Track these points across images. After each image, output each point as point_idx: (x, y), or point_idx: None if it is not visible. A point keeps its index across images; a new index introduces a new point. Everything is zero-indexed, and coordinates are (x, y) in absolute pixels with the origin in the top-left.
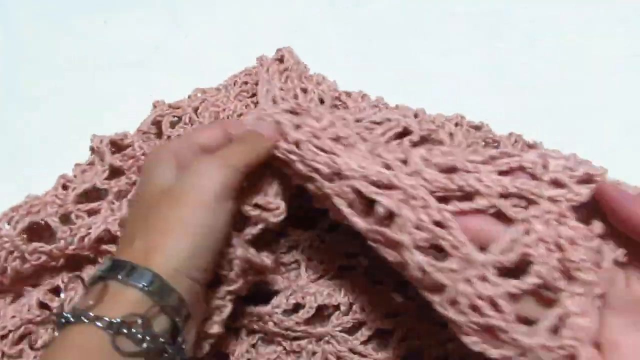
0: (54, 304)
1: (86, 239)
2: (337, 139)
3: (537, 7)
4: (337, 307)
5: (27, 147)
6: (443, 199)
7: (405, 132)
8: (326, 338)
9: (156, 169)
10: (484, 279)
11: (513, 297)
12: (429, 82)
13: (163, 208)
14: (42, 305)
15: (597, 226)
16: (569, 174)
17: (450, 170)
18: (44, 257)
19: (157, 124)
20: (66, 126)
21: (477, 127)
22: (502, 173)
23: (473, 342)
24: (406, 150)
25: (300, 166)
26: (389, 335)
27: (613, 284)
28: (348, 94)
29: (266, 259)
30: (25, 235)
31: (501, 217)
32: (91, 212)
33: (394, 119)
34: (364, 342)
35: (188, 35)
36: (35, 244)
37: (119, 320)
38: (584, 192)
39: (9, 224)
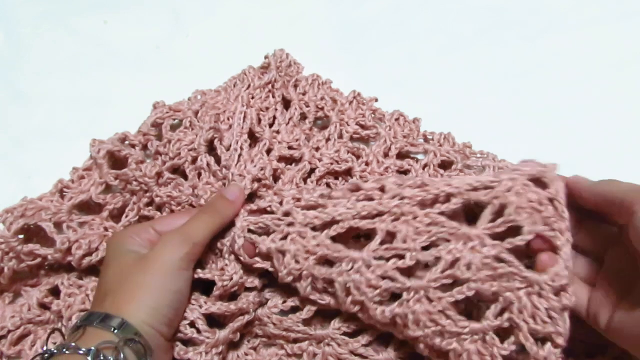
0: (54, 306)
1: (85, 260)
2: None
3: (537, 6)
4: (338, 311)
5: (27, 146)
6: (426, 207)
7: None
8: (326, 340)
9: (124, 245)
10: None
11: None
12: (428, 82)
13: (133, 273)
14: (42, 305)
15: (551, 190)
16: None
17: (421, 186)
18: (39, 259)
19: (157, 125)
20: (66, 126)
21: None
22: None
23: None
24: (380, 179)
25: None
26: (390, 336)
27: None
28: (334, 100)
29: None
30: (21, 236)
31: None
32: (83, 225)
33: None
34: (365, 345)
35: (189, 35)
36: (31, 246)
37: (94, 348)
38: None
39: (3, 224)
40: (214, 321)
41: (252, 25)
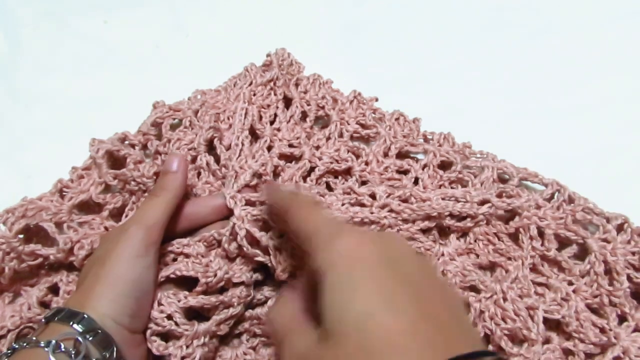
0: (53, 304)
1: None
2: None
3: (537, 6)
4: None
5: (27, 147)
6: (410, 222)
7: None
8: None
9: (102, 243)
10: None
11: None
12: (428, 82)
13: (93, 267)
14: (42, 304)
15: (515, 222)
16: (490, 193)
17: (407, 199)
18: (41, 259)
19: (157, 125)
20: (66, 126)
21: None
22: (444, 198)
23: None
24: (371, 187)
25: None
26: None
27: None
28: (335, 100)
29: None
30: (22, 236)
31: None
32: (83, 224)
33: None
34: None
35: (189, 35)
36: (32, 246)
37: (54, 340)
38: (503, 205)
39: (4, 224)
40: (203, 318)
41: (252, 25)
